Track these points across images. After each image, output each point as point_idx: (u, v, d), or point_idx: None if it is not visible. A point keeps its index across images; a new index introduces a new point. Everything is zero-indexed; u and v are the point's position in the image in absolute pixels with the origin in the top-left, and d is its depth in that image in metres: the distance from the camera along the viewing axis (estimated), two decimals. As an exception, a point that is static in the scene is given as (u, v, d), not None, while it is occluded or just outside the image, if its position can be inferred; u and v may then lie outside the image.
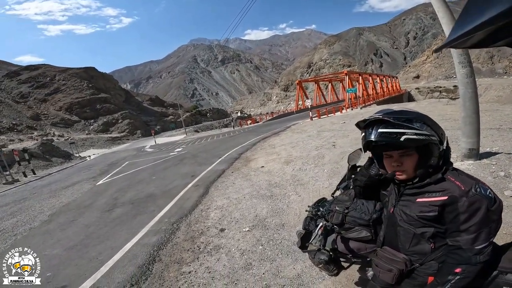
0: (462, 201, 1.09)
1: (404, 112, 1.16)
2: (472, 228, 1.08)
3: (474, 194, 1.07)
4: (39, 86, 60.99)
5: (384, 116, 1.16)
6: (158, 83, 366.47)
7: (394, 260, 1.32)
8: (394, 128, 1.13)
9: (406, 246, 1.32)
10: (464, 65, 4.58)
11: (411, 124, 1.12)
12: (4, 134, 38.74)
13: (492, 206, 1.07)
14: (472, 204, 1.07)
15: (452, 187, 1.13)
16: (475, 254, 1.09)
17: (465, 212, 1.09)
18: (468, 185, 1.10)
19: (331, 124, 15.74)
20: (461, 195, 1.10)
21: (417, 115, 1.15)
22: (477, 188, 1.08)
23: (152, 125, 60.47)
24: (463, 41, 0.48)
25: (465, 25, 0.44)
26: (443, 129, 1.21)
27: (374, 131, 1.18)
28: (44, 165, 21.30)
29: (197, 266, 3.19)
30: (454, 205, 1.11)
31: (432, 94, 54.26)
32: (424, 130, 1.11)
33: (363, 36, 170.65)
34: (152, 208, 5.72)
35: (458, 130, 5.58)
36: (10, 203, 8.83)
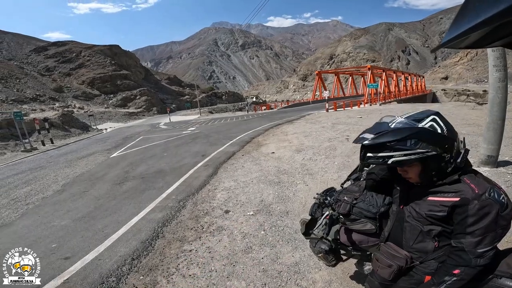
0: (473, 203, 1.08)
1: (397, 132, 1.10)
2: (478, 232, 1.08)
3: (487, 198, 1.06)
4: (64, 61, 62.82)
5: (369, 142, 1.14)
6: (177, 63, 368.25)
7: (395, 256, 1.32)
8: (380, 152, 1.12)
9: (410, 243, 1.31)
10: (498, 68, 4.40)
11: (402, 145, 1.09)
12: (27, 104, 40.32)
13: (503, 211, 1.05)
14: (483, 208, 1.06)
15: (466, 189, 1.11)
16: (476, 257, 1.09)
17: (474, 215, 1.08)
18: (483, 188, 1.08)
19: (347, 117, 15.38)
20: (473, 197, 1.08)
21: (412, 132, 1.09)
22: (491, 193, 1.07)
23: (168, 103, 61.31)
24: (460, 41, 0.47)
25: (461, 25, 0.44)
26: (457, 134, 1.16)
27: (363, 155, 1.18)
28: (63, 135, 22.12)
29: (199, 245, 3.22)
30: (465, 207, 1.10)
31: (458, 97, 51.87)
32: (417, 148, 1.09)
33: (393, 31, 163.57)
34: (161, 184, 5.81)
35: (480, 136, 5.36)
36: (26, 171, 9.21)
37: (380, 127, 1.15)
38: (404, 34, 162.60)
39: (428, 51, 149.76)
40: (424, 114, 1.15)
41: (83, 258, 3.18)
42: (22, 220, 4.68)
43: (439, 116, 1.14)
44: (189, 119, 33.32)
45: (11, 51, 61.28)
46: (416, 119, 1.14)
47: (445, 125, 1.12)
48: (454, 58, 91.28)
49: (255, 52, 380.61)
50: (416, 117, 1.15)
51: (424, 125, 1.11)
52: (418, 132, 1.08)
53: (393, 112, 15.74)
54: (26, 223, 4.53)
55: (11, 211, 5.17)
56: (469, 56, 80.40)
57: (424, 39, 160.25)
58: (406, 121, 1.13)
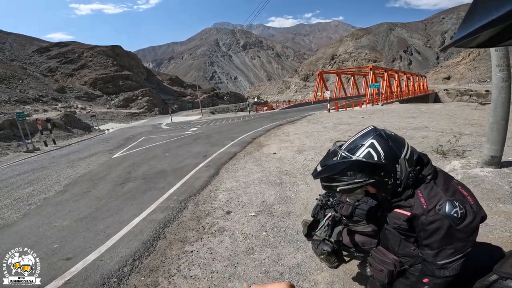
0: (422, 219, 1.09)
1: (336, 165, 1.14)
2: (434, 245, 1.08)
3: (435, 214, 1.06)
4: (67, 61, 63.26)
5: (317, 176, 1.20)
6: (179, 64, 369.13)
7: (384, 261, 1.34)
8: (328, 182, 1.18)
9: (396, 249, 1.33)
10: (502, 68, 4.36)
11: (343, 177, 1.13)
12: (29, 104, 40.59)
13: (458, 225, 1.03)
14: (432, 223, 1.07)
15: (416, 204, 1.12)
16: (439, 268, 1.10)
17: (425, 230, 1.09)
18: (433, 202, 1.08)
19: (348, 117, 15.33)
20: (421, 213, 1.09)
21: (346, 165, 1.11)
22: (441, 207, 1.05)
23: (170, 103, 61.50)
24: (469, 41, 0.46)
25: (471, 24, 0.42)
26: (402, 153, 1.13)
27: (320, 182, 1.24)
28: (65, 135, 22.20)
29: (200, 246, 3.21)
30: (416, 221, 1.12)
31: (461, 97, 51.52)
32: (356, 178, 1.12)
33: (394, 32, 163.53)
34: (163, 184, 5.82)
35: (483, 136, 5.32)
36: (29, 171, 9.24)
37: (326, 160, 1.19)
38: (406, 34, 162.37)
39: (430, 51, 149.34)
40: (365, 139, 1.14)
41: (84, 259, 3.17)
42: (24, 221, 4.69)
43: (378, 139, 1.12)
44: (191, 119, 33.36)
45: (14, 52, 61.63)
46: (354, 148, 1.13)
47: (384, 149, 1.10)
48: (456, 58, 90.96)
49: (256, 52, 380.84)
50: (356, 144, 1.15)
51: (360, 155, 1.10)
52: (351, 165, 1.11)
53: (395, 112, 15.68)
54: (28, 223, 4.54)
55: (13, 212, 5.18)
56: (472, 56, 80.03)
57: (426, 39, 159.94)
58: (344, 154, 1.14)
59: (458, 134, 6.91)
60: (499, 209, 3.19)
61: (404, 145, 1.14)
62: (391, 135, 1.15)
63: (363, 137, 1.15)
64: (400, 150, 1.12)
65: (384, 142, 1.11)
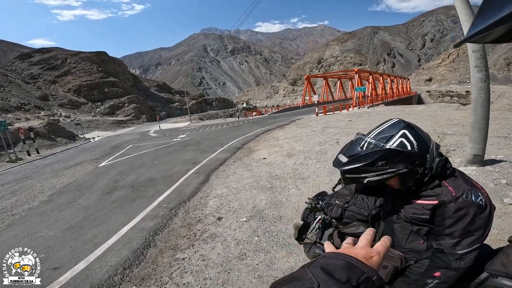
0: (451, 206, 1.12)
1: (367, 156, 1.12)
2: (457, 233, 1.11)
3: (464, 200, 1.09)
4: (49, 68, 61.38)
5: (344, 168, 1.17)
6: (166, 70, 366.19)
7: (390, 256, 1.33)
8: (355, 174, 1.17)
9: (402, 243, 1.33)
10: (480, 69, 4.51)
11: (373, 167, 1.12)
12: (11, 113, 39.21)
13: (481, 213, 1.08)
14: (460, 210, 1.10)
15: (444, 192, 1.15)
16: (456, 259, 1.11)
17: (452, 217, 1.11)
18: (460, 191, 1.12)
19: (336, 121, 15.58)
20: (450, 200, 1.12)
21: (380, 155, 1.10)
22: (468, 195, 1.10)
23: (158, 110, 60.71)
24: (484, 36, 0.45)
25: (485, 19, 0.42)
26: (431, 145, 1.17)
27: (343, 176, 1.23)
28: (49, 144, 21.53)
29: (192, 253, 3.18)
30: (443, 208, 1.14)
31: (442, 98, 53.24)
32: (387, 168, 1.12)
33: (378, 35, 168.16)
34: (152, 192, 5.73)
35: (465, 135, 5.51)
36: (12, 182, 8.91)
37: (353, 150, 1.17)
38: (388, 37, 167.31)
39: (412, 54, 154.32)
40: (395, 129, 1.14)
41: (72, 268, 3.10)
42: (8, 231, 4.54)
43: (409, 129, 1.14)
44: (179, 126, 33.04)
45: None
46: (386, 137, 1.13)
47: (416, 139, 1.12)
48: (436, 60, 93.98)
49: (244, 57, 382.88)
50: (387, 134, 1.14)
51: (393, 144, 1.11)
52: (386, 154, 1.10)
53: (381, 114, 16.06)
54: (13, 233, 4.40)
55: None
56: (451, 58, 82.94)
57: (407, 42, 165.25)
58: (375, 142, 1.13)
59: (441, 134, 7.16)
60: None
61: (430, 138, 1.19)
62: (418, 128, 1.18)
63: (392, 127, 1.16)
64: (429, 140, 1.17)
65: (415, 132, 1.14)
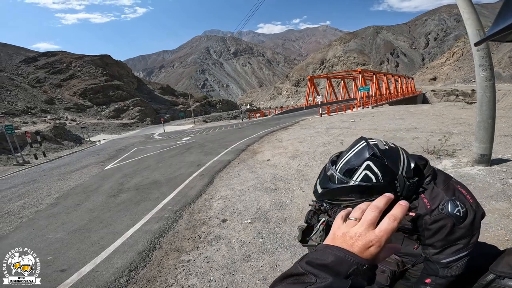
0: (426, 218, 1.11)
1: (336, 191, 1.11)
2: (437, 244, 1.11)
3: (439, 213, 1.08)
4: (55, 71, 62.16)
5: (320, 197, 1.18)
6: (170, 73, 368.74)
7: (386, 261, 1.34)
8: (331, 201, 1.18)
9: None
10: (484, 68, 4.44)
11: (345, 198, 1.11)
12: (18, 117, 39.79)
13: (461, 223, 1.06)
14: (435, 222, 1.09)
15: (420, 205, 1.14)
16: (442, 267, 1.11)
17: (429, 229, 1.11)
18: (436, 202, 1.10)
19: (340, 121, 15.53)
20: (425, 213, 1.11)
21: (347, 190, 1.08)
22: (444, 206, 1.08)
23: (162, 113, 61.03)
24: (506, 35, 0.44)
25: (505, 19, 0.41)
26: (399, 169, 1.09)
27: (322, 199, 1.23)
28: (55, 148, 21.80)
29: (196, 255, 3.19)
30: (420, 221, 1.14)
31: (448, 97, 52.74)
32: (359, 198, 1.10)
33: (381, 34, 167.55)
34: (157, 195, 5.77)
35: (472, 135, 5.45)
36: (19, 185, 9.06)
37: (324, 182, 1.15)
38: (391, 37, 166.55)
39: (416, 53, 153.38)
40: (359, 160, 1.08)
41: (79, 270, 3.14)
42: (16, 233, 4.62)
43: (373, 160, 1.07)
44: (184, 128, 33.24)
45: (1, 62, 60.44)
46: (351, 170, 1.09)
47: (381, 169, 1.06)
48: (441, 59, 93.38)
49: (247, 59, 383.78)
50: (352, 165, 1.09)
51: (357, 178, 1.07)
52: (352, 189, 1.08)
53: (385, 114, 15.96)
54: (21, 236, 4.47)
55: (4, 224, 5.12)
56: (455, 57, 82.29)
57: (411, 41, 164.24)
58: (340, 177, 1.10)
59: (447, 134, 7.07)
60: (493, 206, 3.24)
61: (400, 159, 1.11)
62: (386, 151, 1.10)
63: (357, 156, 1.10)
64: (397, 166, 1.09)
65: (380, 162, 1.07)
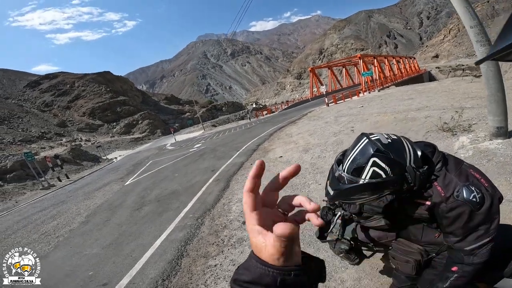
0: (443, 206, 1.09)
1: (347, 192, 1.11)
2: (458, 232, 1.08)
3: (455, 200, 1.05)
4: (60, 94, 63.83)
5: (332, 199, 1.20)
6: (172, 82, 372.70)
7: (409, 251, 1.34)
8: (345, 201, 1.24)
9: (419, 237, 1.33)
10: (482, 43, 4.35)
11: (358, 197, 1.12)
12: (34, 143, 41.13)
13: (479, 209, 1.02)
14: (452, 210, 1.06)
15: (435, 193, 1.11)
16: (467, 254, 1.08)
17: (446, 217, 1.09)
18: (450, 189, 1.07)
19: (348, 108, 15.38)
20: (440, 201, 1.09)
21: (359, 190, 1.08)
22: (459, 193, 1.05)
23: (171, 123, 61.83)
24: (506, 54, 0.44)
25: (507, 38, 0.41)
26: (407, 160, 1.08)
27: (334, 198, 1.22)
28: (76, 169, 22.53)
29: (222, 259, 3.31)
30: (437, 209, 1.12)
31: (454, 73, 51.18)
32: (372, 195, 1.11)
33: (373, 18, 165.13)
34: (177, 204, 5.93)
35: (485, 108, 5.30)
36: (49, 207, 9.52)
37: (334, 184, 1.14)
38: (384, 20, 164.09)
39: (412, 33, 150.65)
40: (365, 158, 1.05)
41: (119, 283, 3.32)
42: (55, 252, 4.90)
43: (379, 156, 1.04)
44: (194, 135, 33.56)
45: (6, 89, 61.82)
46: (358, 170, 1.07)
47: (388, 164, 1.04)
48: (438, 36, 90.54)
49: (245, 58, 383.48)
50: (358, 164, 1.07)
51: (366, 177, 1.05)
52: (364, 188, 1.07)
53: (393, 96, 15.69)
54: (60, 254, 4.75)
55: (43, 245, 5.44)
56: (453, 33, 79.64)
57: (405, 22, 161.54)
58: (349, 178, 1.08)
59: (460, 109, 6.87)
60: (519, 181, 3.10)
61: (405, 150, 1.08)
62: (389, 145, 1.07)
63: (362, 154, 1.07)
64: (403, 158, 1.07)
65: (385, 157, 1.04)
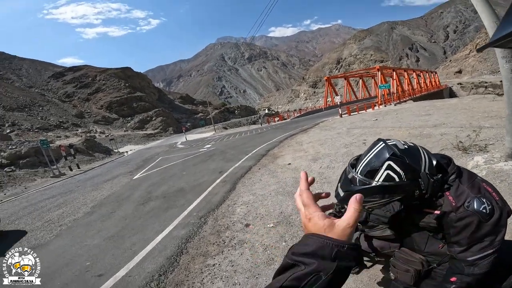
0: (452, 216, 1.11)
1: (361, 192, 1.07)
2: (463, 241, 1.10)
3: (465, 210, 1.07)
4: (82, 86, 66.37)
5: (342, 201, 1.14)
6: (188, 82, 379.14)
7: (410, 260, 1.34)
8: None
9: (422, 247, 1.33)
10: (508, 59, 4.23)
11: (369, 200, 1.10)
12: (51, 131, 42.65)
13: (488, 220, 1.04)
14: (461, 220, 1.08)
15: (445, 202, 1.14)
16: (469, 265, 1.10)
17: (455, 227, 1.11)
18: (461, 200, 1.09)
19: (362, 121, 15.20)
20: (450, 210, 1.11)
21: (371, 192, 1.07)
22: (469, 204, 1.07)
23: (183, 122, 62.82)
24: (507, 42, 0.44)
25: (509, 25, 0.41)
26: (423, 166, 1.09)
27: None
28: (88, 159, 23.14)
29: (221, 259, 3.31)
30: (445, 218, 1.14)
31: (476, 90, 49.82)
32: (383, 199, 1.10)
33: (396, 30, 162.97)
34: (182, 202, 5.99)
35: (504, 128, 5.15)
36: (57, 195, 9.78)
37: (346, 185, 1.14)
38: (408, 32, 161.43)
39: (436, 46, 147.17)
40: (380, 161, 1.07)
41: (115, 275, 3.36)
42: (57, 240, 5.01)
43: (394, 160, 1.05)
44: (205, 136, 33.91)
45: (31, 78, 64.97)
46: (372, 172, 1.07)
47: (403, 168, 1.05)
48: (464, 51, 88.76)
49: (262, 63, 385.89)
50: (373, 167, 1.08)
51: (380, 179, 1.06)
52: (376, 190, 1.07)
53: (410, 111, 15.41)
54: (61, 243, 4.84)
55: (45, 232, 5.56)
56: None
57: (429, 35, 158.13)
58: (362, 179, 1.08)
59: (478, 128, 6.67)
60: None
61: (421, 157, 1.10)
62: (405, 150, 1.09)
63: (377, 157, 1.09)
64: (419, 164, 1.08)
65: (401, 161, 1.06)
